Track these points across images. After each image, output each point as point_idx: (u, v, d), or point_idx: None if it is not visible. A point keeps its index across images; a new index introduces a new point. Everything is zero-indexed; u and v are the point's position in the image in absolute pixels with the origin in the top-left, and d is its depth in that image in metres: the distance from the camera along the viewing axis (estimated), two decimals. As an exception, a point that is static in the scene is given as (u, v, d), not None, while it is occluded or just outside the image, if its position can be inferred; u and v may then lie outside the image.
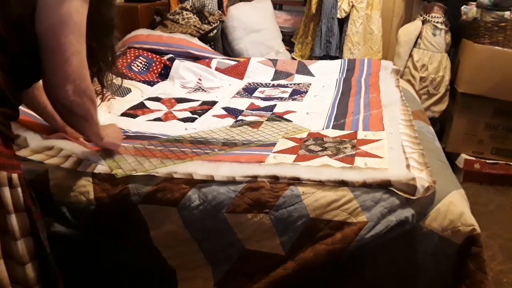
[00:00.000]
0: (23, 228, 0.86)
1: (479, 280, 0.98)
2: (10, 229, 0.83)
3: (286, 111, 1.68)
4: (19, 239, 0.85)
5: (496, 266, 1.80)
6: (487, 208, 2.26)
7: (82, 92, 0.92)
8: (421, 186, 1.01)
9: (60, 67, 0.88)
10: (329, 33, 2.75)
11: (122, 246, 1.14)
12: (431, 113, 2.67)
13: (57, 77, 0.89)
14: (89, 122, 1.00)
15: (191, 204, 1.07)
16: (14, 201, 0.84)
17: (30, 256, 0.87)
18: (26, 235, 0.87)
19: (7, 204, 0.82)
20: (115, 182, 1.10)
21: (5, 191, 0.82)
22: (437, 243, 1.01)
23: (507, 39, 2.34)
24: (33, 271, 0.88)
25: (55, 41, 0.87)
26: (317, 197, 1.04)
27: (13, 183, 0.84)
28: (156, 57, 2.24)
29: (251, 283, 1.08)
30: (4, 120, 0.85)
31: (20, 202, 0.86)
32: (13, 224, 0.83)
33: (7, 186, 0.83)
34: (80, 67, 0.90)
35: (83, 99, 0.93)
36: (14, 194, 0.84)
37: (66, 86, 0.89)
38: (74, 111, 0.94)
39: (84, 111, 0.95)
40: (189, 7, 2.69)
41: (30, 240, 0.88)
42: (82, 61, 0.91)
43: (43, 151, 1.16)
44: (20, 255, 0.85)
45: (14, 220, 0.84)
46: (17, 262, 0.85)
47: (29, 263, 0.87)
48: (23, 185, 0.87)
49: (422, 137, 1.36)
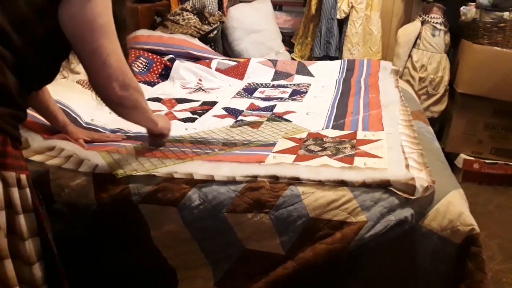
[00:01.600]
0: (31, 229, 0.86)
1: (479, 280, 0.98)
2: (18, 229, 0.83)
3: (286, 111, 1.68)
4: (27, 240, 0.85)
5: (495, 266, 1.80)
6: (486, 208, 2.26)
7: (127, 86, 0.95)
8: (420, 186, 1.01)
9: (100, 71, 0.91)
10: (329, 33, 2.75)
11: (123, 246, 1.14)
12: (430, 113, 2.67)
13: (101, 79, 0.92)
14: (139, 110, 1.04)
15: (191, 204, 1.07)
16: (23, 201, 0.84)
17: (37, 256, 0.88)
18: (33, 236, 0.87)
19: (15, 205, 0.83)
20: (116, 182, 1.10)
21: (14, 192, 0.82)
22: (437, 242, 1.01)
23: (506, 39, 2.34)
24: (40, 271, 0.88)
25: (87, 48, 0.89)
26: (316, 197, 1.04)
27: (21, 183, 0.85)
28: (156, 57, 2.25)
29: (251, 282, 1.08)
30: (13, 121, 0.85)
31: (29, 202, 0.86)
32: (21, 225, 0.84)
33: (16, 187, 0.83)
34: (119, 64, 0.92)
35: (130, 91, 0.96)
36: (22, 194, 0.85)
37: (111, 84, 0.92)
38: (124, 104, 0.98)
39: (133, 102, 0.99)
40: (189, 8, 2.69)
41: (37, 240, 0.88)
42: (120, 58, 0.93)
43: (44, 152, 1.16)
44: (27, 256, 0.85)
45: (22, 221, 0.84)
46: (24, 262, 0.85)
47: (36, 263, 0.87)
48: (31, 186, 0.87)
49: (421, 137, 1.36)
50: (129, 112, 1.03)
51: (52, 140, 1.21)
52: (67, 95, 1.55)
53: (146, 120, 1.11)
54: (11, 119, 0.84)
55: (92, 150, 1.22)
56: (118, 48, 0.92)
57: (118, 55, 0.92)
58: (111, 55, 0.90)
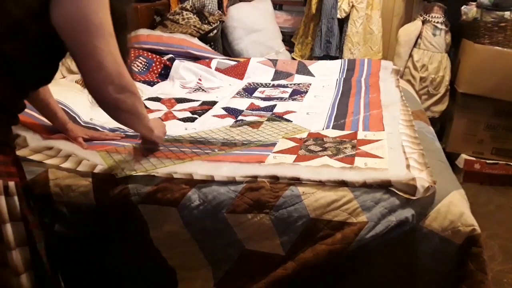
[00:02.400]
0: (18, 238, 0.83)
1: (479, 280, 0.98)
2: (5, 238, 0.81)
3: (286, 111, 1.68)
4: (14, 249, 0.82)
5: (496, 266, 1.80)
6: (487, 208, 2.26)
7: (123, 88, 0.90)
8: (421, 186, 1.00)
9: (95, 73, 0.86)
10: (329, 33, 2.75)
11: (122, 246, 1.14)
12: (431, 113, 2.67)
13: (95, 81, 0.88)
14: (135, 115, 1.00)
15: (191, 204, 1.07)
16: (10, 210, 0.81)
17: (25, 266, 0.85)
18: (21, 245, 0.84)
19: (2, 213, 0.80)
20: (115, 182, 1.10)
21: (0, 200, 0.80)
22: (437, 243, 1.00)
23: (507, 39, 2.34)
24: (28, 282, 0.85)
25: (82, 49, 0.84)
26: (317, 197, 1.04)
27: (9, 191, 0.82)
28: (156, 57, 2.24)
29: (251, 283, 1.08)
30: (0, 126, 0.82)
31: (17, 211, 0.83)
32: (8, 234, 0.81)
33: (3, 195, 0.80)
34: (115, 66, 0.87)
35: (125, 94, 0.92)
36: (10, 202, 0.82)
37: (106, 87, 0.88)
38: (119, 107, 0.93)
39: (129, 105, 0.95)
40: (189, 7, 2.69)
41: (26, 249, 0.85)
42: (116, 60, 0.87)
43: (42, 151, 1.16)
44: (15, 265, 0.82)
45: (9, 230, 0.81)
46: (12, 272, 0.83)
47: (24, 273, 0.84)
48: (20, 194, 0.84)
49: (422, 137, 1.36)
50: (126, 117, 0.99)
51: (51, 139, 1.20)
52: (66, 94, 1.55)
53: (143, 126, 1.08)
54: None
55: (91, 149, 1.22)
56: (115, 49, 0.87)
57: (114, 56, 0.87)
58: (107, 57, 0.85)
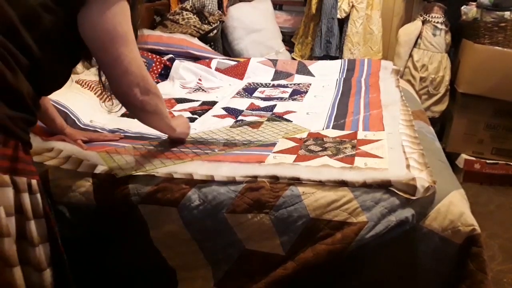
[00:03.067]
0: (41, 235, 0.86)
1: (479, 280, 0.98)
2: (28, 235, 0.83)
3: (286, 111, 1.68)
4: (37, 245, 0.84)
5: (496, 266, 1.80)
6: (487, 208, 2.26)
7: (148, 91, 0.99)
8: (421, 186, 1.00)
9: (122, 78, 0.94)
10: (329, 33, 2.75)
11: (122, 246, 1.14)
12: (431, 113, 2.67)
13: (122, 86, 0.95)
14: (159, 115, 1.08)
15: (191, 204, 1.07)
16: (34, 207, 0.84)
17: (47, 262, 0.87)
18: (44, 241, 0.87)
19: (26, 210, 0.82)
20: (115, 182, 1.10)
21: (25, 197, 0.82)
22: (437, 243, 1.00)
23: (507, 39, 2.34)
24: (50, 278, 0.87)
25: (108, 57, 0.91)
26: (317, 197, 1.04)
27: (32, 189, 0.84)
28: (156, 57, 2.24)
29: (251, 283, 1.08)
30: (24, 126, 0.85)
31: (39, 208, 0.86)
32: (32, 230, 0.83)
33: (27, 192, 0.83)
34: (139, 70, 0.95)
35: (150, 96, 1.00)
36: (33, 200, 0.84)
37: (133, 91, 0.95)
38: (145, 109, 1.01)
39: (153, 107, 1.02)
40: (189, 7, 2.69)
41: (47, 246, 0.88)
42: (140, 65, 0.96)
43: (43, 153, 1.16)
44: (37, 262, 0.85)
45: (33, 226, 0.83)
46: (34, 268, 0.85)
47: (47, 269, 0.87)
48: (41, 191, 0.87)
49: (422, 137, 1.36)
50: (151, 118, 1.07)
51: (51, 141, 1.20)
52: (66, 96, 1.54)
53: (166, 126, 1.16)
54: (23, 124, 0.84)
55: (91, 150, 1.22)
56: (138, 54, 0.95)
57: (138, 61, 0.95)
58: (132, 63, 0.92)
